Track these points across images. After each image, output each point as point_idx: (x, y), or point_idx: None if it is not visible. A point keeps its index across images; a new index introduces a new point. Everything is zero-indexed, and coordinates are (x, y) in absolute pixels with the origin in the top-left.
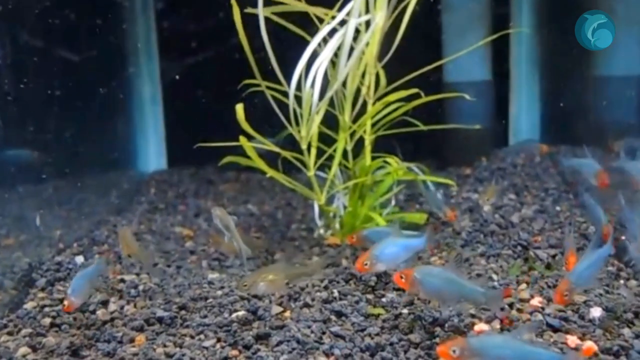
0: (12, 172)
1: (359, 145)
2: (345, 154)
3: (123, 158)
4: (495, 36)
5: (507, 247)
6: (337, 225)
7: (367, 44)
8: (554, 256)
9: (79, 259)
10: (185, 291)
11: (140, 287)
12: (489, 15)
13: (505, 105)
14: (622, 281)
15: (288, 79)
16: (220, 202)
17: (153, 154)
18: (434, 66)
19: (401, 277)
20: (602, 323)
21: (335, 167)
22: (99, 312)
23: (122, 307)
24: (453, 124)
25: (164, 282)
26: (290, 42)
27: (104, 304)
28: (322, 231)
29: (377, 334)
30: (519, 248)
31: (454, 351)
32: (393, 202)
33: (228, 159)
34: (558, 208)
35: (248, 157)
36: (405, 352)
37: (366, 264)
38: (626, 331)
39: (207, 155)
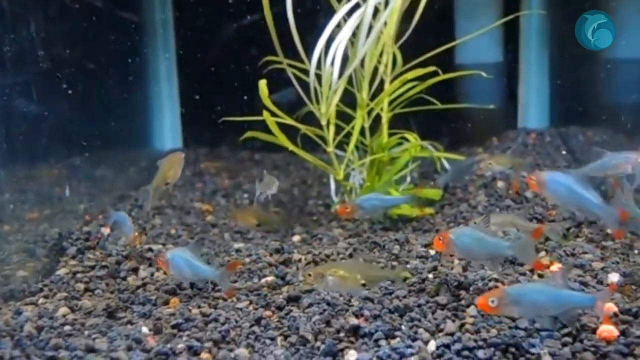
0: (38, 149)
1: (375, 123)
2: (362, 131)
3: (140, 136)
4: (506, 19)
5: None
6: None
7: (385, 24)
8: (568, 229)
9: (105, 230)
10: (213, 259)
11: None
12: None
13: (516, 87)
14: (636, 251)
15: (303, 56)
16: (236, 179)
17: (168, 133)
18: (447, 47)
19: (439, 240)
20: (620, 287)
21: (353, 144)
22: (130, 279)
23: (152, 274)
24: (465, 103)
25: None
26: (304, 20)
27: (134, 270)
28: (338, 207)
29: (405, 297)
30: (534, 221)
31: (492, 301)
32: (408, 179)
33: (250, 133)
34: None
35: (268, 133)
36: (433, 312)
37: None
38: None
39: (222, 134)
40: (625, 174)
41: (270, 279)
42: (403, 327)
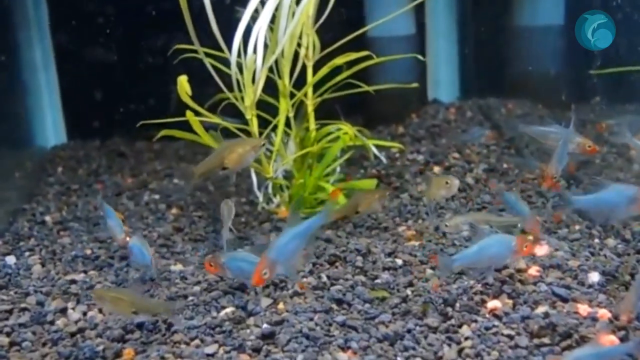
0: None
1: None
2: (287, 120)
3: (18, 134)
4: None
5: (473, 211)
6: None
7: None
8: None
9: (11, 259)
10: (156, 289)
11: (98, 288)
12: None
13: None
14: (596, 240)
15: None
16: (141, 177)
17: (51, 127)
18: (358, 21)
19: None
20: (603, 288)
21: (279, 137)
22: (59, 322)
23: (85, 314)
24: (378, 80)
25: (120, 279)
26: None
27: (62, 312)
28: (265, 204)
29: (390, 322)
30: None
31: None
32: (338, 169)
33: (165, 132)
34: (505, 165)
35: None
36: (426, 337)
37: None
38: None
39: (113, 124)
40: None
41: (230, 310)
42: (398, 358)
